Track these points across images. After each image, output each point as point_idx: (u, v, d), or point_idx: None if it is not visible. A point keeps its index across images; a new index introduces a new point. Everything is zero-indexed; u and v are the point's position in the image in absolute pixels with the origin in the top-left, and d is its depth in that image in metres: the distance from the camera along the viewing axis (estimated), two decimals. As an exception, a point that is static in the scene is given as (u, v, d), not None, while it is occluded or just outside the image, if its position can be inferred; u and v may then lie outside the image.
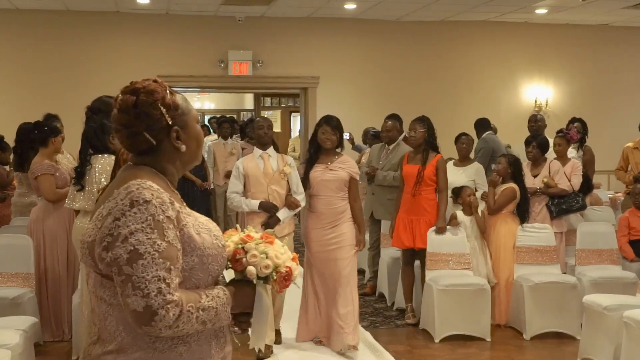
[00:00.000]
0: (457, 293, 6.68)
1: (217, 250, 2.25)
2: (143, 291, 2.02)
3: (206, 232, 2.24)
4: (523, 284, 6.81)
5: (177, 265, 2.10)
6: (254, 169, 6.25)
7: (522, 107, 13.08)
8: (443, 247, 6.99)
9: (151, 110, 2.22)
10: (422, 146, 7.13)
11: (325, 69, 12.57)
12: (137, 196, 2.09)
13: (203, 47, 12.27)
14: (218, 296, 2.21)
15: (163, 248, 2.06)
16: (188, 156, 2.33)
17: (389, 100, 12.17)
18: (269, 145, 6.37)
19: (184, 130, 2.29)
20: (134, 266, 2.03)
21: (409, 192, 7.12)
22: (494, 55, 13.14)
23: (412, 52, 12.86)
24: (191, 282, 2.18)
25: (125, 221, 2.07)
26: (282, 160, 6.33)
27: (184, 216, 2.19)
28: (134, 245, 2.04)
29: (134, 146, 2.27)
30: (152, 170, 2.26)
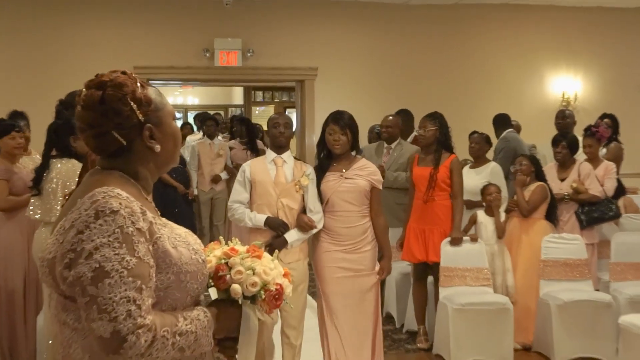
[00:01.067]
0: (475, 313, 6.65)
1: (196, 266, 2.23)
2: (110, 314, 1.99)
3: (184, 245, 2.22)
4: (550, 303, 6.78)
5: (149, 284, 2.07)
6: (263, 175, 5.68)
7: (547, 102, 13.05)
8: (459, 260, 6.97)
9: (120, 106, 2.21)
10: (433, 146, 7.11)
11: (324, 60, 12.54)
12: (103, 206, 2.06)
13: (185, 34, 12.23)
14: (198, 319, 2.19)
15: (133, 265, 2.03)
16: (164, 157, 2.32)
17: (396, 95, 12.15)
18: (285, 149, 5.77)
19: (158, 128, 2.28)
20: (100, 286, 2.00)
21: (421, 197, 7.11)
22: (516, 43, 13.11)
23: (423, 39, 12.83)
24: (167, 303, 2.16)
25: (90, 234, 2.04)
26: (299, 169, 5.73)
27: (158, 228, 2.17)
28: (100, 262, 2.01)
29: (101, 148, 2.26)
30: (122, 176, 2.24)
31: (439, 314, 6.91)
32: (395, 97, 11.97)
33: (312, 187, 5.73)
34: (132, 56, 11.63)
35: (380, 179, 5.91)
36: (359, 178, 5.78)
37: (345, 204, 5.76)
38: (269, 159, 5.76)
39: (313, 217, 5.67)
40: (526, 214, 7.22)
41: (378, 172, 5.93)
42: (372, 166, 5.93)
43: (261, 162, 5.80)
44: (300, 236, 5.64)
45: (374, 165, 6.01)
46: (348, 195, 5.76)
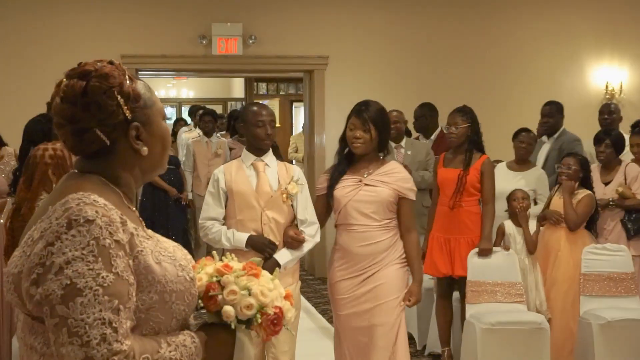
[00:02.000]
0: (506, 333, 6.65)
1: (183, 284, 2.19)
2: (82, 338, 1.94)
3: (169, 261, 2.19)
4: (592, 322, 6.77)
5: (127, 305, 2.03)
6: (242, 183, 5.22)
7: (589, 95, 13.03)
8: (488, 274, 6.96)
9: (105, 100, 2.18)
10: (464, 145, 7.09)
11: (335, 47, 12.55)
12: (77, 214, 2.02)
13: (179, 19, 12.26)
14: (184, 345, 2.16)
15: (109, 282, 1.99)
16: (150, 161, 2.30)
17: (417, 87, 12.14)
18: (266, 150, 5.32)
19: (145, 127, 2.26)
20: (71, 305, 1.96)
21: (446, 203, 7.09)
22: (553, 29, 13.08)
23: (447, 23, 12.82)
24: (149, 326, 2.13)
25: (61, 247, 2.00)
26: (285, 173, 5.29)
27: (140, 240, 2.14)
28: (71, 278, 1.97)
29: (80, 147, 2.23)
30: (101, 180, 2.21)
31: (466, 335, 6.90)
32: (415, 89, 11.96)
33: (305, 193, 5.32)
34: (118, 44, 11.66)
35: (413, 188, 5.53)
36: (382, 186, 5.38)
37: (362, 217, 5.39)
38: (246, 162, 5.29)
39: (305, 230, 5.25)
40: (575, 228, 7.13)
41: (410, 180, 5.56)
42: (402, 171, 5.55)
43: (237, 167, 5.30)
44: (294, 255, 5.21)
45: (405, 171, 5.65)
46: (366, 207, 5.38)
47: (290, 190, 5.23)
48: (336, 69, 12.45)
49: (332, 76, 12.48)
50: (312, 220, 5.31)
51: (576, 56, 13.17)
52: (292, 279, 5.29)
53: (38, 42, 11.77)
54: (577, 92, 12.99)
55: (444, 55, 12.71)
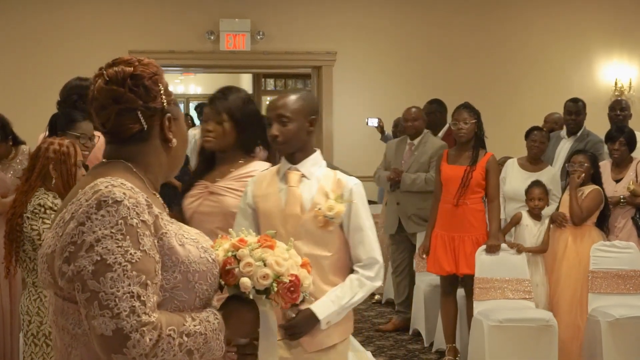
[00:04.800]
0: (515, 330, 6.66)
1: (205, 265, 2.29)
2: (112, 310, 2.05)
3: (192, 243, 2.29)
4: (600, 319, 6.77)
5: (154, 280, 2.13)
6: (270, 199, 3.95)
7: (598, 91, 13.00)
8: (497, 270, 6.97)
9: (151, 85, 2.31)
10: (471, 141, 7.10)
11: (343, 43, 12.55)
12: (106, 195, 2.13)
13: (187, 15, 12.27)
14: (207, 320, 2.24)
15: (137, 258, 2.10)
16: (174, 156, 2.42)
17: (425, 82, 12.13)
18: (303, 154, 3.99)
19: (175, 122, 2.38)
20: (101, 280, 2.06)
21: (450, 201, 7.10)
22: (562, 25, 13.06)
23: (455, 21, 12.80)
24: (173, 305, 2.22)
25: (91, 226, 2.11)
26: (333, 187, 3.92)
27: (164, 223, 2.24)
28: (102, 254, 2.08)
29: (120, 129, 2.32)
30: (127, 167, 2.31)
31: (473, 332, 6.91)
32: (423, 85, 11.95)
33: (354, 218, 3.88)
34: (126, 40, 11.67)
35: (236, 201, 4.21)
36: (228, 194, 4.28)
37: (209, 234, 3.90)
38: (280, 172, 4.00)
39: (360, 270, 3.86)
40: (578, 222, 7.15)
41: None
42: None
43: (271, 177, 4.04)
44: (338, 306, 3.77)
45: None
46: (210, 220, 4.27)
47: (327, 210, 3.80)
48: (344, 65, 12.45)
49: (340, 72, 12.48)
50: (371, 256, 3.88)
51: (585, 52, 13.15)
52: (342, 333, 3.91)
53: (47, 39, 11.80)
54: (586, 88, 12.91)
55: (452, 51, 12.70)
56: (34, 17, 11.85)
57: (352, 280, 3.82)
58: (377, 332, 8.52)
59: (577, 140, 8.61)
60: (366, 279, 3.83)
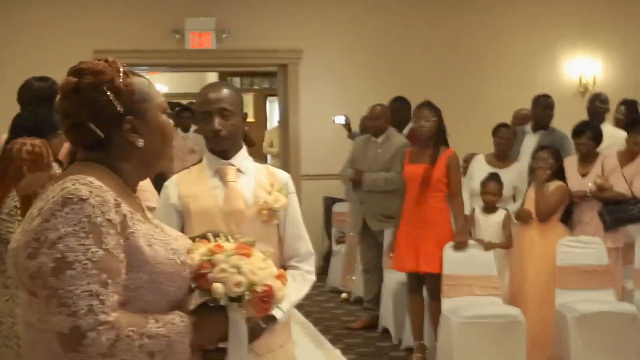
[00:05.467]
0: (483, 327, 6.69)
1: (173, 267, 2.27)
2: (70, 308, 2.05)
3: (161, 244, 2.27)
4: (567, 315, 6.81)
5: (116, 280, 2.12)
6: (205, 198, 3.72)
7: (562, 87, 13.03)
8: (464, 267, 6.99)
9: (95, 95, 2.28)
10: (432, 139, 7.12)
11: (309, 40, 12.53)
12: (72, 193, 2.14)
13: (152, 13, 12.21)
14: (172, 322, 2.22)
15: (99, 257, 2.09)
16: (149, 154, 2.38)
17: (391, 80, 12.12)
18: (234, 148, 3.75)
19: (142, 120, 2.34)
20: (61, 277, 2.07)
21: (412, 199, 7.14)
22: (526, 20, 13.09)
23: (420, 18, 12.82)
24: (138, 306, 2.20)
25: (55, 223, 2.11)
26: (266, 180, 3.76)
27: (134, 222, 2.22)
28: (62, 252, 2.08)
29: (77, 140, 2.35)
30: (101, 168, 2.30)
31: (442, 328, 6.92)
32: (389, 82, 11.91)
33: (292, 210, 3.77)
34: (91, 39, 11.58)
35: None
36: None
37: None
38: (210, 169, 3.76)
39: (299, 265, 3.74)
40: (544, 218, 7.19)
41: None
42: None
43: (198, 175, 3.81)
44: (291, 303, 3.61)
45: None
46: None
47: (273, 203, 3.67)
48: (310, 63, 12.44)
49: (306, 70, 12.47)
50: (309, 250, 3.79)
51: (549, 48, 13.19)
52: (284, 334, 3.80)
53: (11, 39, 11.70)
54: (550, 84, 12.92)
55: (418, 47, 12.72)
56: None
57: (295, 277, 3.65)
58: (346, 330, 8.53)
59: (543, 136, 8.66)
60: (307, 274, 3.73)
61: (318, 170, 12.00)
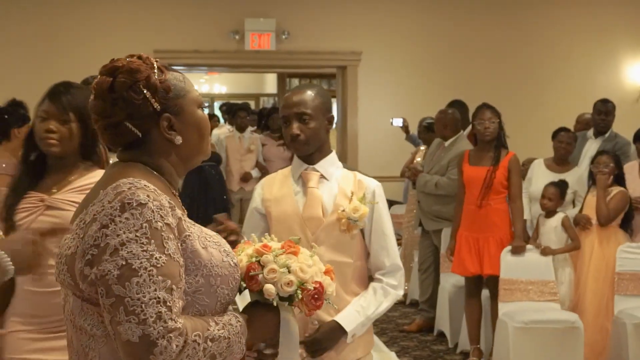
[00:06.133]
0: (540, 332, 6.64)
1: (228, 270, 2.27)
2: (139, 316, 2.03)
3: (215, 246, 2.27)
4: (626, 321, 6.73)
5: (179, 285, 2.11)
6: (285, 202, 3.64)
7: (624, 92, 12.91)
8: (522, 271, 6.95)
9: (131, 95, 2.25)
10: (494, 141, 7.08)
11: (369, 43, 12.54)
12: (130, 198, 2.11)
13: (212, 14, 12.29)
14: (230, 324, 2.23)
15: (162, 262, 2.08)
16: (187, 150, 2.35)
17: (450, 83, 12.09)
18: (319, 154, 3.65)
19: (178, 117, 2.32)
20: (127, 285, 2.04)
21: (473, 202, 7.09)
22: (588, 25, 12.98)
23: (481, 21, 12.76)
24: (195, 309, 2.21)
25: (115, 229, 2.08)
26: (354, 188, 3.62)
27: (187, 225, 2.22)
28: (126, 258, 2.06)
29: (115, 140, 2.32)
30: (145, 168, 2.28)
31: (498, 333, 6.88)
32: (448, 85, 11.91)
33: (378, 221, 3.63)
34: (151, 39, 11.70)
35: None
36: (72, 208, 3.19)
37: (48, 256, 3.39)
38: (295, 174, 3.69)
39: (383, 278, 3.62)
40: (605, 223, 7.12)
41: None
42: None
43: (283, 179, 3.74)
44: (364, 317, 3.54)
45: None
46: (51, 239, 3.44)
47: (352, 213, 3.52)
48: (369, 65, 12.44)
49: (365, 72, 12.47)
50: (395, 263, 3.65)
51: (612, 53, 13.08)
52: (365, 348, 3.68)
53: (69, 37, 11.84)
54: (612, 89, 12.79)
55: (477, 51, 12.66)
56: (57, 15, 11.90)
57: (376, 289, 3.59)
58: (401, 333, 8.50)
59: (605, 141, 8.57)
60: (390, 288, 3.60)
61: (375, 172, 11.78)
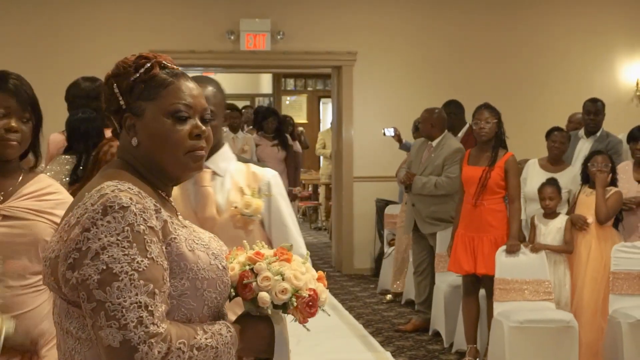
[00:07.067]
0: (535, 332, 6.65)
1: (215, 273, 2.24)
2: (119, 321, 2.00)
3: (202, 249, 2.24)
4: (621, 321, 6.74)
5: (162, 289, 2.09)
6: (181, 203, 3.34)
7: (619, 92, 12.92)
8: (516, 271, 6.96)
9: (105, 88, 2.33)
10: (491, 141, 7.10)
11: (364, 43, 12.54)
12: (112, 201, 2.09)
13: (207, 14, 12.30)
14: (220, 333, 2.20)
15: (144, 266, 2.05)
16: (144, 154, 2.29)
17: (446, 83, 12.11)
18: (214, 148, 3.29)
19: (139, 119, 2.29)
20: (108, 290, 2.02)
21: (470, 201, 7.14)
22: (584, 25, 12.98)
23: (476, 20, 12.76)
24: (180, 313, 2.18)
25: (97, 232, 2.06)
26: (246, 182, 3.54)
27: (174, 227, 2.20)
28: (107, 263, 2.03)
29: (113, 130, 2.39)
30: (136, 171, 2.28)
31: (494, 333, 6.91)
32: (444, 85, 11.93)
33: (275, 211, 3.55)
34: (147, 39, 11.68)
35: None
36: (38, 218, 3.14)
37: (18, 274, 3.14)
38: None
39: None
40: (605, 221, 7.13)
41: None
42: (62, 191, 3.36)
43: None
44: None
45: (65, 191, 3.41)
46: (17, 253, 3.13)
47: (245, 208, 3.44)
48: (365, 65, 12.44)
49: (360, 72, 12.47)
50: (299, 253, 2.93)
51: (607, 53, 13.08)
52: None
53: (65, 36, 11.83)
54: (607, 89, 12.85)
55: (473, 51, 12.67)
56: (52, 14, 11.90)
57: None
58: (397, 333, 8.53)
59: (597, 141, 8.59)
60: None
61: (371, 173, 12.03)
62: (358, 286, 11.11)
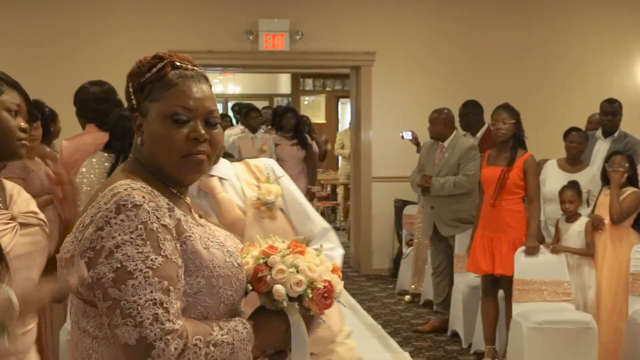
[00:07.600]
0: (554, 332, 6.64)
1: (230, 270, 2.24)
2: (135, 319, 2.01)
3: (217, 247, 2.24)
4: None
5: (177, 286, 2.09)
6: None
7: (638, 92, 12.86)
8: (535, 272, 6.95)
9: (126, 88, 2.35)
10: (510, 142, 7.09)
11: (382, 43, 12.54)
12: (125, 199, 2.10)
13: (226, 14, 12.31)
14: (236, 329, 2.20)
15: (158, 264, 2.06)
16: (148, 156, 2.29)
17: (463, 83, 12.10)
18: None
19: (144, 119, 2.30)
20: (122, 288, 2.03)
21: (488, 201, 7.12)
22: (602, 26, 12.95)
23: (495, 22, 12.75)
24: (197, 310, 2.18)
25: (110, 231, 2.07)
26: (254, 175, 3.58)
27: (189, 226, 2.20)
28: (122, 261, 2.04)
29: None
30: (146, 170, 2.28)
31: (512, 333, 6.89)
32: (463, 85, 11.92)
33: (288, 192, 3.59)
34: (166, 39, 11.70)
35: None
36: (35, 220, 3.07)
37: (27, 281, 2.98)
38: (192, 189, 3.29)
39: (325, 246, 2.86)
40: (618, 221, 7.12)
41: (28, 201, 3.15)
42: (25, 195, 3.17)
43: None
44: None
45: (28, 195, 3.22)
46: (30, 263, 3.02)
47: (266, 196, 3.48)
48: (383, 65, 12.43)
49: (379, 72, 12.46)
50: (322, 227, 3.67)
51: (626, 54, 13.04)
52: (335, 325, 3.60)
53: (84, 37, 11.87)
54: (626, 90, 12.81)
55: (492, 52, 12.65)
56: (71, 14, 11.93)
57: None
58: (415, 333, 8.52)
59: (615, 141, 8.57)
60: (330, 251, 3.42)
61: (389, 173, 12.01)
62: (376, 286, 11.11)
